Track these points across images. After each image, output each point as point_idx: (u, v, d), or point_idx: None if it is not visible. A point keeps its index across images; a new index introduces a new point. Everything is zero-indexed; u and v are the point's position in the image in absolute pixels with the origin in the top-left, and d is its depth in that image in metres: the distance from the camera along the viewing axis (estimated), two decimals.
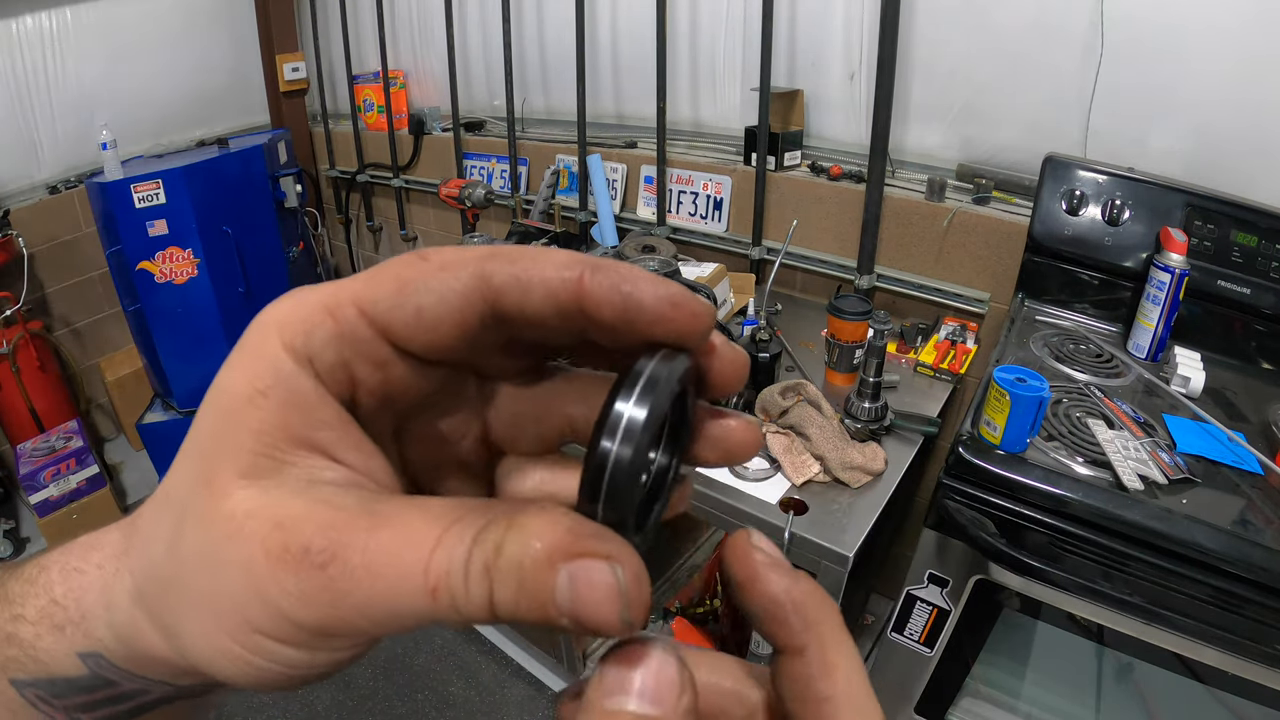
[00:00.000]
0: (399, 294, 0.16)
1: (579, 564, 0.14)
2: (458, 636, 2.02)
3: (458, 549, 0.14)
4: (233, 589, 0.15)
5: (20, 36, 2.37)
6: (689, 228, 1.96)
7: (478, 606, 0.14)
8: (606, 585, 0.14)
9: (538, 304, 0.16)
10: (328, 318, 0.16)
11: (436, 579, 0.14)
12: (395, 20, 2.57)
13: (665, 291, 0.16)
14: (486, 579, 0.14)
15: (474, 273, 0.16)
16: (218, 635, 0.16)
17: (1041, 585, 0.94)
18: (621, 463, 0.15)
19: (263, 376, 0.16)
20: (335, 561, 0.14)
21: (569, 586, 0.14)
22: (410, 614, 0.15)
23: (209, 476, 0.16)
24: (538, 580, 0.14)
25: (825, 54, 1.67)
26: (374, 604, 0.14)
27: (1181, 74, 1.27)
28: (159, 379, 2.44)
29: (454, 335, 0.17)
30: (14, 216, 2.33)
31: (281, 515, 0.15)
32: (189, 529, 0.16)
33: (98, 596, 0.19)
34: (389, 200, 2.85)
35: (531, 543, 0.14)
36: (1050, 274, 1.37)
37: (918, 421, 1.24)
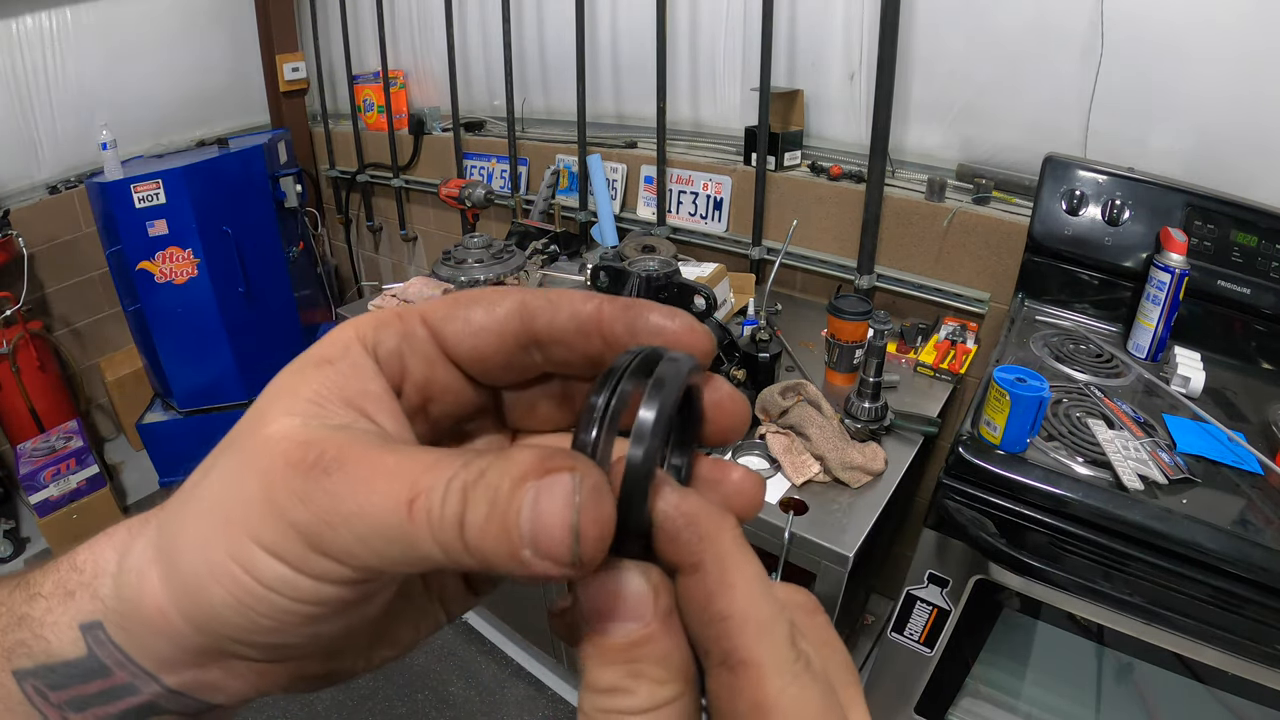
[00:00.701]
0: (454, 307, 0.20)
1: (546, 479, 0.14)
2: (458, 636, 2.02)
3: (445, 471, 0.15)
4: (246, 494, 0.17)
5: (20, 36, 2.37)
6: (689, 228, 1.96)
7: (449, 522, 0.15)
8: (563, 491, 0.14)
9: (564, 321, 0.20)
10: (396, 319, 0.20)
11: (417, 492, 0.15)
12: (395, 20, 2.57)
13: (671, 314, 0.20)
14: (462, 496, 0.15)
15: (516, 299, 0.20)
16: (216, 547, 0.17)
17: (1041, 585, 0.94)
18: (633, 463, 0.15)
19: (333, 351, 0.19)
20: (340, 469, 0.16)
21: (532, 503, 0.14)
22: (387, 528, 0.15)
23: (259, 415, 0.18)
24: (508, 499, 0.14)
25: (825, 54, 1.67)
26: (358, 512, 0.15)
27: (1181, 74, 1.27)
28: (159, 379, 2.44)
29: (494, 345, 0.20)
30: (14, 216, 2.33)
31: (310, 436, 0.17)
32: (226, 455, 0.18)
33: (115, 549, 0.20)
34: (389, 200, 2.85)
35: (511, 467, 0.15)
36: (1050, 274, 1.36)
37: (918, 421, 1.24)
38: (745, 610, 0.15)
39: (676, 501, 0.16)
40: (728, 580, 0.16)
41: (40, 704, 0.20)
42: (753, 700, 0.15)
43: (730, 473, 0.19)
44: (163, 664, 0.19)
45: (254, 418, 0.18)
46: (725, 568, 0.16)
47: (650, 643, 0.15)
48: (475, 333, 0.20)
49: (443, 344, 0.20)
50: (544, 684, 1.87)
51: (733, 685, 0.15)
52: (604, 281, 1.25)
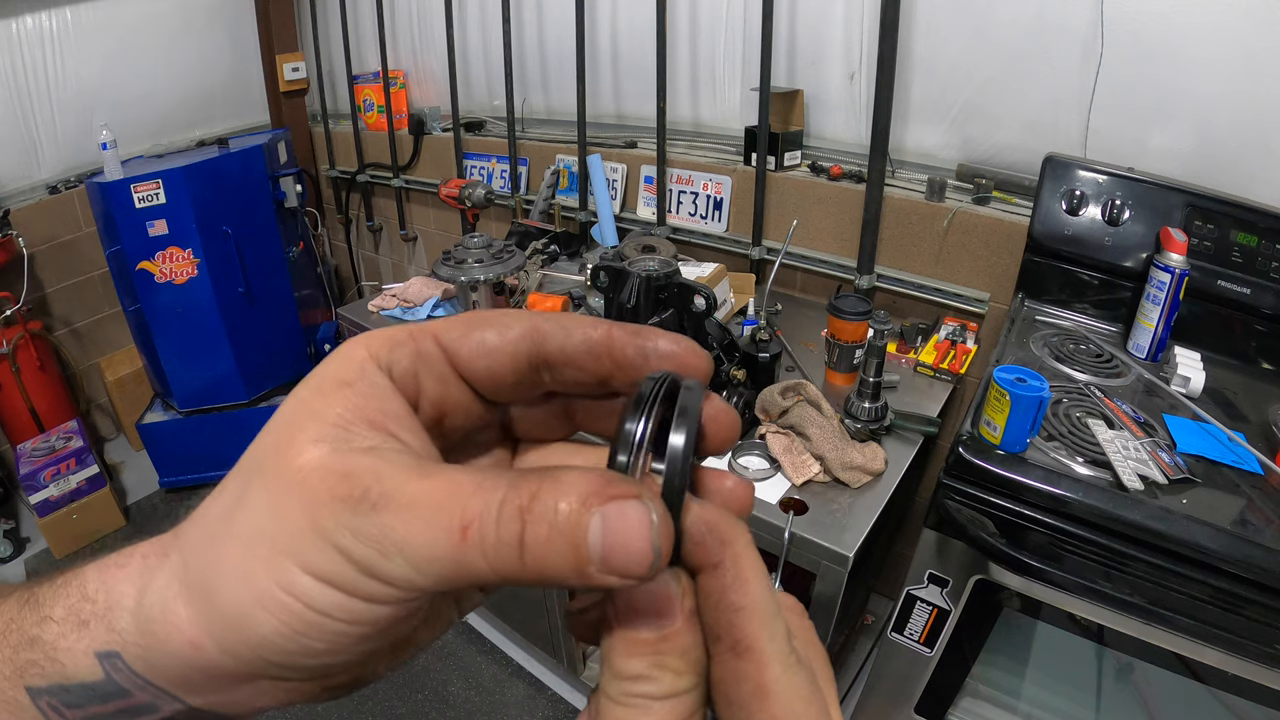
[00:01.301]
0: (468, 327, 0.21)
1: (613, 505, 0.16)
2: (458, 636, 2.02)
3: (494, 494, 0.16)
4: (291, 527, 0.17)
5: (20, 36, 2.37)
6: (689, 228, 1.96)
7: (507, 546, 0.16)
8: (639, 519, 0.16)
9: (575, 344, 0.21)
10: (409, 339, 0.21)
11: (469, 518, 0.16)
12: (395, 20, 2.57)
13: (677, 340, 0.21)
14: (519, 520, 0.16)
15: (528, 323, 0.21)
16: (261, 578, 0.17)
17: (1041, 585, 0.94)
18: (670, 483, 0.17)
19: (349, 372, 0.19)
20: (387, 504, 0.16)
21: (600, 527, 0.15)
22: (442, 554, 0.16)
23: (286, 441, 0.18)
24: (571, 521, 0.15)
25: (825, 54, 1.67)
26: (413, 540, 0.16)
27: (1182, 74, 1.27)
28: (159, 379, 2.44)
29: (506, 365, 0.21)
30: (14, 216, 2.33)
31: (349, 467, 0.17)
32: (256, 484, 0.18)
33: (132, 583, 0.20)
34: (389, 200, 2.85)
35: (567, 490, 0.16)
36: (1050, 274, 1.36)
37: (918, 421, 1.24)
38: (755, 603, 0.18)
39: (700, 512, 0.18)
40: (743, 576, 0.18)
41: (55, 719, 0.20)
42: (755, 683, 0.17)
43: (724, 481, 0.21)
44: (188, 688, 0.19)
45: (281, 445, 0.18)
46: (741, 566, 0.18)
47: (675, 637, 0.17)
48: (489, 354, 0.21)
49: (456, 364, 0.21)
50: (544, 684, 1.87)
51: (738, 670, 0.17)
52: (604, 281, 1.25)
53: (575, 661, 1.73)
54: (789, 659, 0.18)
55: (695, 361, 0.21)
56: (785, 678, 0.17)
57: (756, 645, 0.17)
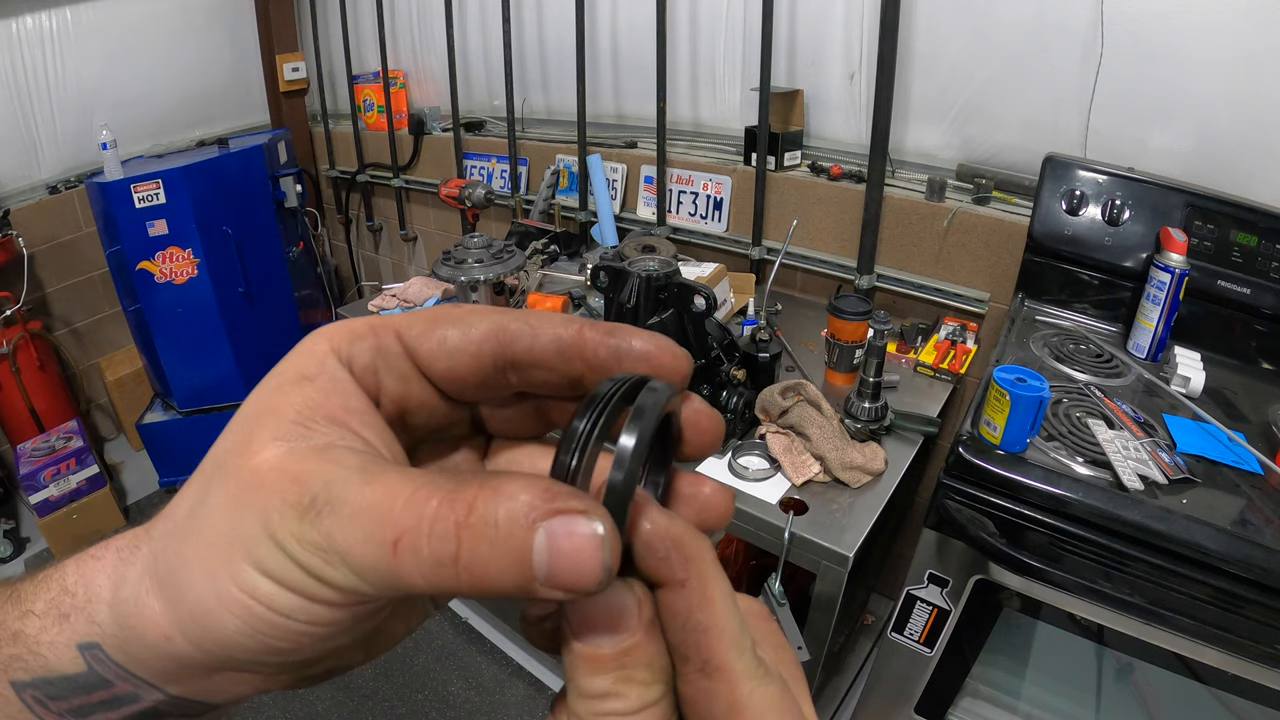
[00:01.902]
0: (430, 325, 0.20)
1: (556, 520, 0.15)
2: (458, 636, 2.02)
3: (424, 504, 0.15)
4: (246, 529, 0.17)
5: (20, 36, 2.37)
6: (689, 228, 1.96)
7: (440, 564, 0.15)
8: (587, 537, 0.15)
9: (544, 345, 0.20)
10: (370, 333, 0.20)
11: (399, 531, 0.15)
12: (395, 20, 2.57)
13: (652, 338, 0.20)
14: (454, 537, 0.15)
15: (493, 321, 0.20)
16: (222, 577, 0.17)
17: (1041, 585, 0.94)
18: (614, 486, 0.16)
19: (310, 367, 0.19)
20: (332, 512, 0.16)
21: (545, 544, 0.15)
22: (376, 565, 0.15)
23: (245, 440, 0.18)
24: (513, 538, 0.15)
25: (825, 54, 1.67)
26: (352, 550, 0.16)
27: (1182, 74, 1.27)
28: (159, 379, 2.44)
29: (469, 366, 0.20)
30: (14, 216, 2.33)
31: (299, 470, 0.17)
32: (217, 483, 0.18)
33: (108, 576, 0.20)
34: (389, 200, 2.85)
35: (505, 502, 0.15)
36: (1050, 274, 1.36)
37: (918, 421, 1.24)
38: (722, 623, 0.17)
39: (666, 525, 0.17)
40: (708, 595, 0.17)
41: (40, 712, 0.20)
42: (727, 702, 0.17)
43: (703, 487, 0.20)
44: (166, 677, 0.20)
45: (240, 441, 0.18)
46: (706, 584, 0.17)
47: (637, 650, 0.17)
48: (450, 354, 0.20)
49: (417, 362, 0.20)
50: (544, 684, 1.87)
51: (710, 689, 0.17)
52: (604, 281, 1.25)
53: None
54: (758, 672, 0.17)
55: (671, 362, 0.20)
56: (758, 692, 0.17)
57: (725, 664, 0.17)
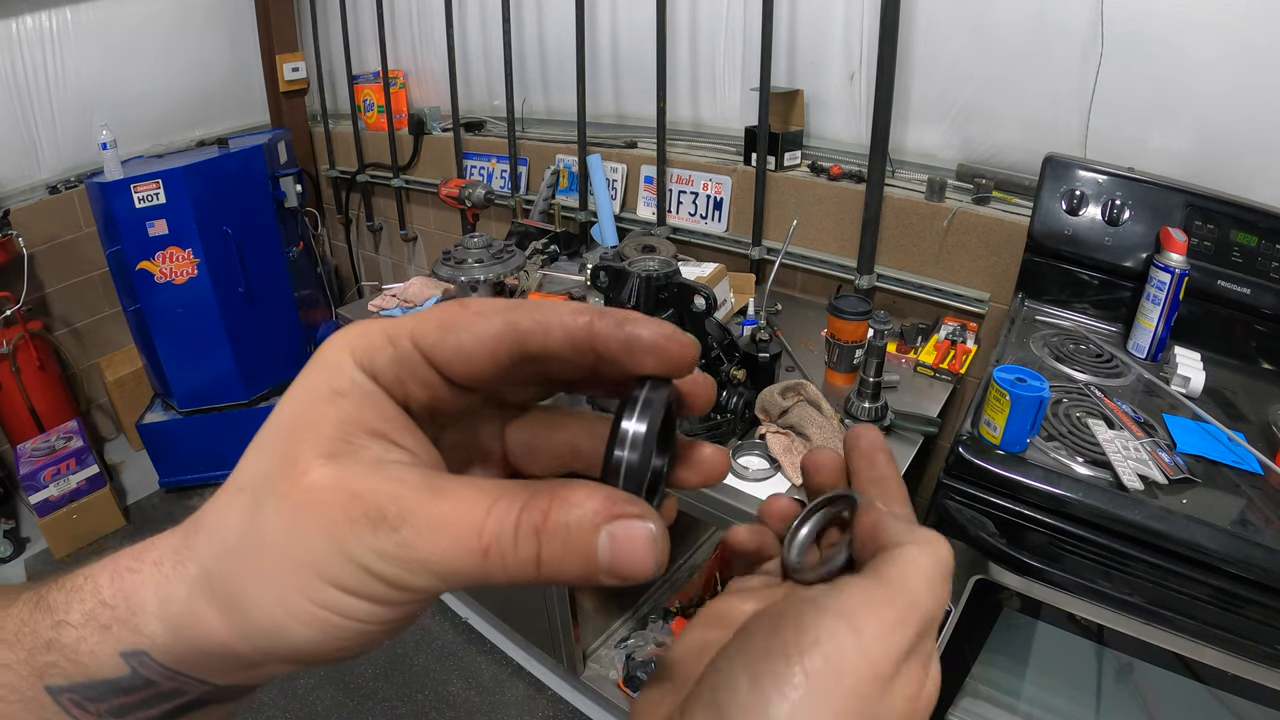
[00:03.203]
0: (443, 332, 0.20)
1: (618, 524, 0.17)
2: (458, 636, 2.02)
3: (508, 516, 0.17)
4: (315, 549, 0.18)
5: (20, 36, 2.37)
6: (689, 228, 1.96)
7: (525, 563, 0.17)
8: (643, 538, 0.17)
9: (557, 342, 0.20)
10: (389, 345, 0.20)
11: (489, 540, 0.17)
12: (395, 20, 2.57)
13: (660, 329, 0.20)
14: (534, 540, 0.17)
15: (503, 320, 0.20)
16: (293, 594, 0.18)
17: (1041, 585, 0.94)
18: (631, 464, 0.19)
19: (341, 382, 0.20)
20: (406, 525, 0.17)
21: (609, 544, 0.17)
22: (466, 571, 0.17)
23: (291, 459, 0.19)
24: (582, 539, 0.17)
25: (825, 54, 1.67)
26: (436, 559, 0.17)
27: (1182, 73, 1.27)
28: (159, 379, 2.44)
29: (487, 367, 0.20)
30: (14, 216, 2.33)
31: (358, 486, 0.18)
32: (269, 504, 0.18)
33: (153, 592, 0.20)
34: (389, 200, 2.85)
35: (574, 509, 0.17)
36: (1050, 274, 1.36)
37: (918, 421, 1.24)
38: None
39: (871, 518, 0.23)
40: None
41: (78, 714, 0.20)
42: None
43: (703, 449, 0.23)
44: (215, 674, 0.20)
45: (283, 461, 0.19)
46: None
47: None
48: (467, 360, 0.20)
49: (436, 366, 0.20)
50: (544, 684, 1.87)
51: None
52: (604, 281, 1.25)
53: (575, 661, 1.73)
54: None
55: (679, 351, 0.21)
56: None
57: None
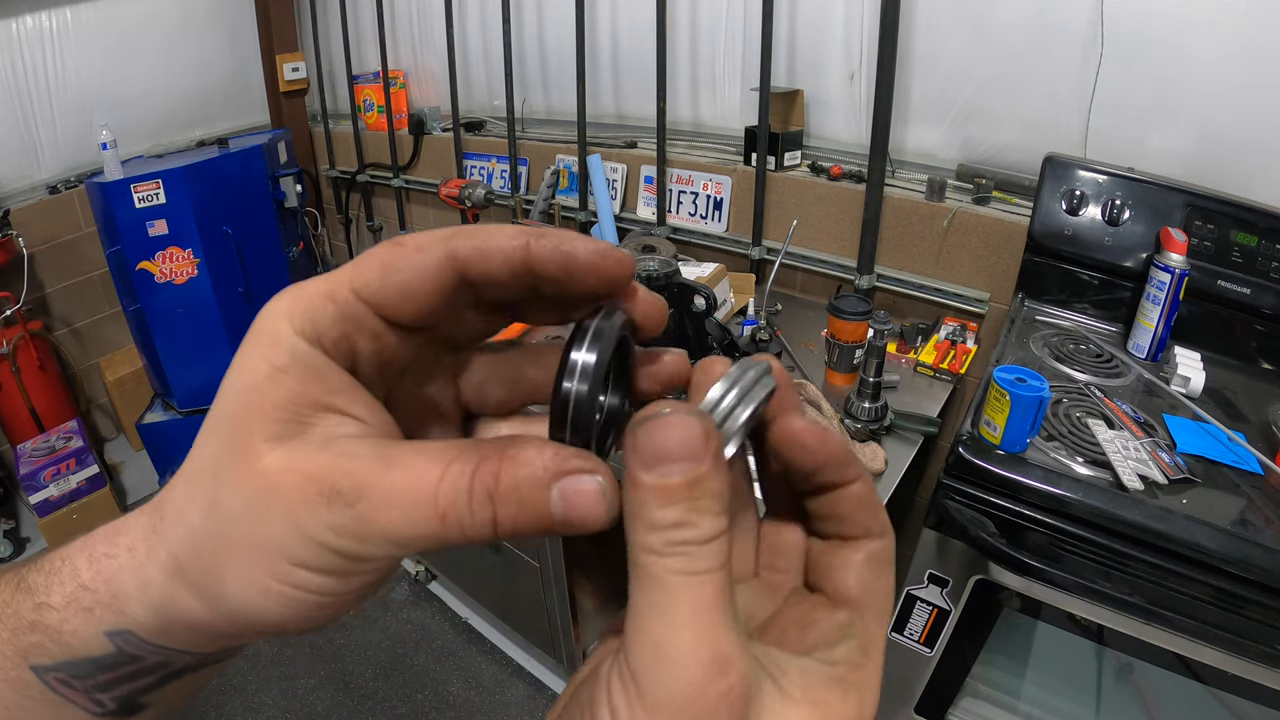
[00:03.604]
0: (384, 274, 0.20)
1: (567, 480, 0.18)
2: (458, 637, 2.02)
3: (461, 480, 0.18)
4: (276, 532, 0.18)
5: (20, 36, 2.37)
6: (689, 228, 1.96)
7: (482, 525, 0.18)
8: (592, 491, 0.18)
9: (496, 268, 0.20)
10: (328, 302, 0.20)
11: (445, 505, 0.17)
12: (395, 20, 2.57)
13: (595, 246, 0.20)
14: (489, 503, 0.17)
15: (442, 251, 0.20)
16: (261, 576, 0.18)
17: (1041, 585, 0.94)
18: (580, 396, 0.19)
19: (281, 356, 0.19)
20: (361, 499, 0.17)
21: (560, 499, 0.18)
22: (424, 535, 0.18)
23: (241, 444, 0.18)
24: (535, 497, 0.18)
25: (825, 54, 1.67)
26: (395, 529, 0.18)
27: (1182, 74, 1.27)
28: (159, 379, 2.44)
29: (434, 302, 0.20)
30: (14, 216, 2.33)
31: (310, 467, 0.18)
32: (226, 492, 0.19)
33: (131, 576, 0.20)
34: (389, 200, 2.85)
35: (524, 469, 0.18)
36: (1050, 274, 1.36)
37: (918, 421, 1.24)
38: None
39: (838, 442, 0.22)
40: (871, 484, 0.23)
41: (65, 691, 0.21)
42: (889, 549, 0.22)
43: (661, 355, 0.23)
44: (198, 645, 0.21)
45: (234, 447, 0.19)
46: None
47: (707, 479, 0.18)
48: (413, 299, 0.20)
49: (382, 313, 0.20)
50: (544, 684, 1.87)
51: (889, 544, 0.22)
52: None
53: (575, 661, 1.73)
54: None
55: (616, 269, 0.21)
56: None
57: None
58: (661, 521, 0.17)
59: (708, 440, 0.18)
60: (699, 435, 0.18)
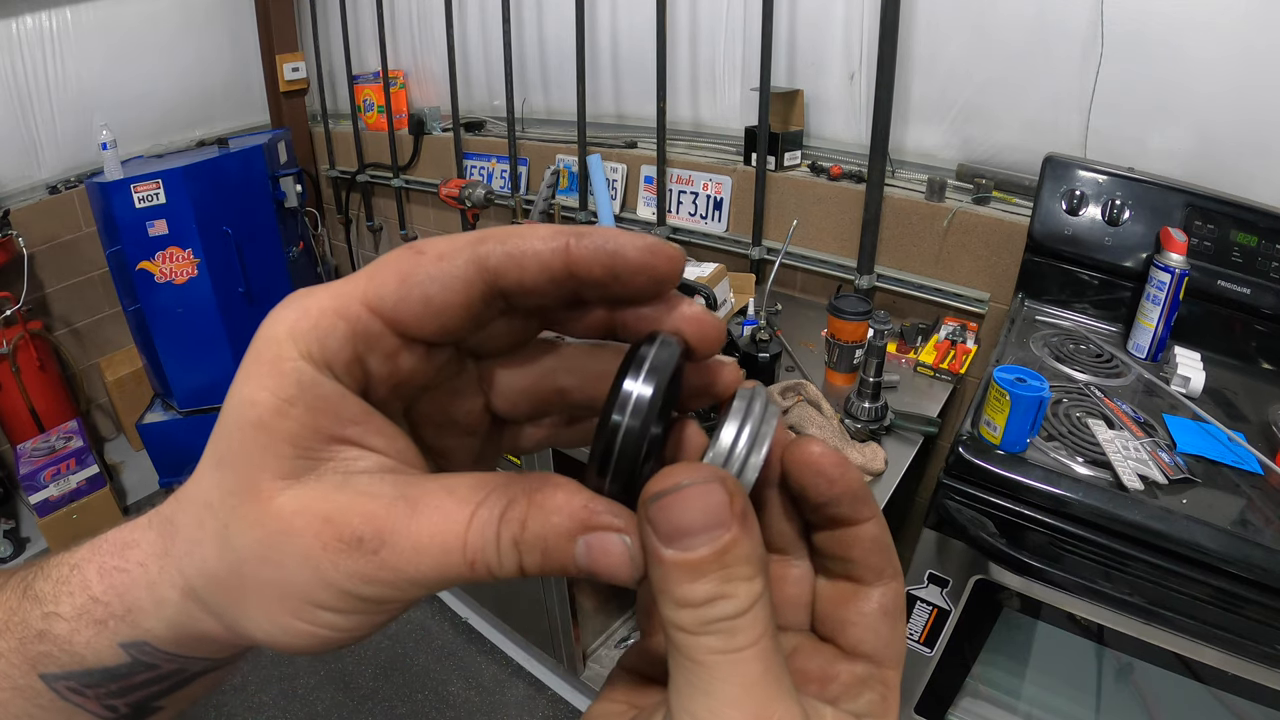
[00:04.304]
0: (403, 287, 0.18)
1: (594, 535, 0.17)
2: (458, 637, 2.02)
3: (488, 529, 0.17)
4: (295, 577, 0.17)
5: (20, 36, 2.37)
6: (689, 228, 1.96)
7: (509, 569, 0.17)
8: (619, 553, 0.17)
9: (533, 276, 0.18)
10: (339, 320, 0.18)
11: (474, 554, 0.17)
12: (395, 20, 2.57)
13: (643, 242, 0.18)
14: (516, 551, 0.17)
15: (469, 258, 0.18)
16: (281, 615, 0.18)
17: (1041, 585, 0.94)
18: (629, 435, 0.17)
19: (287, 387, 0.17)
20: (386, 547, 0.17)
21: (586, 554, 0.17)
22: (451, 580, 0.17)
23: (251, 485, 0.17)
24: (559, 550, 0.17)
25: (825, 54, 1.67)
26: (423, 575, 0.17)
27: (1182, 74, 1.27)
28: (159, 379, 2.44)
29: (460, 317, 0.18)
30: (14, 216, 2.33)
31: (328, 510, 0.17)
32: (237, 533, 0.18)
33: (145, 593, 0.19)
34: (389, 200, 2.85)
35: (551, 519, 0.17)
36: (1050, 274, 1.36)
37: (918, 421, 1.24)
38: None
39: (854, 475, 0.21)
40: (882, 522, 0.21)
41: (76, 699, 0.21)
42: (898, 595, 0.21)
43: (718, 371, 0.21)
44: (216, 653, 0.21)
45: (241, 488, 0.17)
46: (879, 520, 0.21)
47: (737, 545, 0.16)
48: (436, 312, 0.18)
49: (401, 330, 0.18)
50: (544, 684, 1.87)
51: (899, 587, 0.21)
52: None
53: (575, 661, 1.73)
54: None
55: (667, 266, 0.19)
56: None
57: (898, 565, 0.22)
58: (692, 599, 0.16)
59: (733, 503, 0.16)
60: (723, 503, 0.16)
